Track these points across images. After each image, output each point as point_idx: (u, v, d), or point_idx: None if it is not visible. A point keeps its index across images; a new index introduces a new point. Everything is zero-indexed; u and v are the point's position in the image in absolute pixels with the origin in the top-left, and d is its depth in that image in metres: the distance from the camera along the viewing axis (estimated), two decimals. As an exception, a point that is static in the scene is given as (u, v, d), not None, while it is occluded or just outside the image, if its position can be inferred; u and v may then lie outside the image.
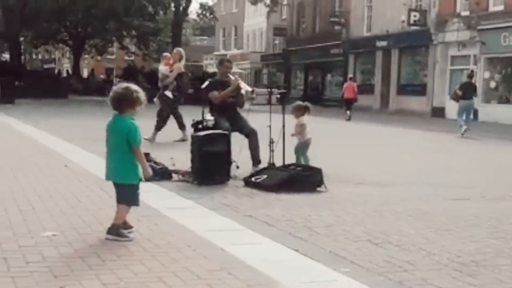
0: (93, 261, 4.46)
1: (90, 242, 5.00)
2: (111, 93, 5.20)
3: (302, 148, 9.36)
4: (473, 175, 10.34)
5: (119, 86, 5.30)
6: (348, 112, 27.26)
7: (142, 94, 5.18)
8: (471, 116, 19.70)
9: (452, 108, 32.87)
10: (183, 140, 13.30)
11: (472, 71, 22.70)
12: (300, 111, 9.41)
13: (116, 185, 5.27)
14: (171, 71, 13.92)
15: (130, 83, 5.41)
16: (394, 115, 34.29)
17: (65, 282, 3.97)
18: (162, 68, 14.25)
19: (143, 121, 5.51)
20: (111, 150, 5.22)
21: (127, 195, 5.20)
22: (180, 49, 14.77)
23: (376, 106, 39.61)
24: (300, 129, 9.36)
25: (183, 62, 14.08)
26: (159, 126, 13.74)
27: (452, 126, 24.60)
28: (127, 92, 5.12)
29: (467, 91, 19.74)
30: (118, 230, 5.11)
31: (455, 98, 20.30)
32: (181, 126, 13.85)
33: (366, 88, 42.47)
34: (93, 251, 4.73)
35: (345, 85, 29.61)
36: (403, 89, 38.00)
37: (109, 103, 5.18)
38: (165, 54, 15.03)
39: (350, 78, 30.57)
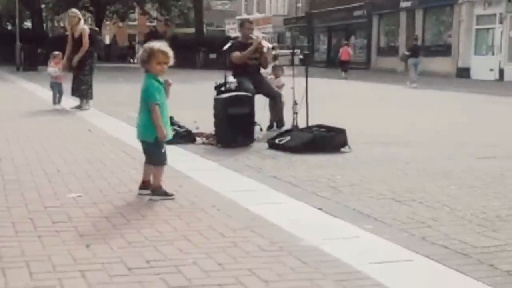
0: (118, 221, 4.50)
1: (115, 203, 5.04)
2: None
3: None
4: (500, 134, 10.23)
5: None
6: (343, 73, 31.33)
7: (157, 50, 5.13)
8: (417, 70, 25.76)
9: (477, 68, 32.52)
10: (78, 107, 12.46)
11: (416, 35, 29.51)
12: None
13: (141, 143, 5.36)
14: (78, 38, 12.46)
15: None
16: (419, 76, 33.91)
17: (91, 240, 4.01)
18: (52, 69, 12.95)
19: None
20: (139, 108, 5.31)
21: (152, 154, 5.27)
22: (75, 10, 13.17)
23: (400, 68, 39.18)
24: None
25: (82, 22, 12.65)
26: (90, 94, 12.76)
27: (478, 87, 24.35)
28: (142, 52, 5.22)
29: (414, 51, 25.54)
30: (160, 190, 5.19)
31: (404, 58, 26.50)
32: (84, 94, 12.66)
33: (390, 50, 42.01)
34: (118, 211, 4.78)
35: (341, 49, 33.23)
36: (427, 50, 37.52)
37: None
38: (56, 53, 13.23)
39: (345, 44, 34.73)
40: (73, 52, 12.58)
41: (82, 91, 12.60)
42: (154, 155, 5.26)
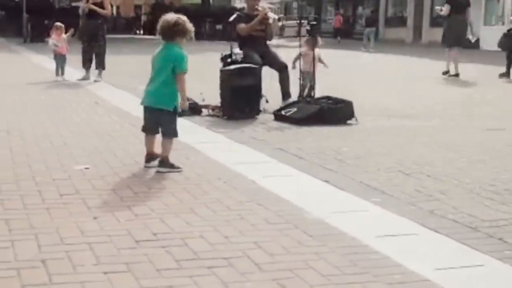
0: (125, 194, 4.51)
1: (122, 175, 5.04)
2: (161, 23, 5.23)
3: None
4: (507, 106, 10.15)
5: (169, 16, 5.27)
6: (338, 38, 36.37)
7: (191, 26, 5.25)
8: (373, 39, 29.51)
9: (487, 39, 32.20)
10: (84, 79, 12.54)
11: (375, 8, 36.66)
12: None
13: (153, 111, 5.30)
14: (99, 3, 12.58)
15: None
16: (427, 47, 33.67)
17: (99, 213, 4.02)
18: (52, 41, 12.95)
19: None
20: (155, 76, 5.29)
21: (167, 123, 5.24)
22: None
23: (408, 39, 38.92)
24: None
25: None
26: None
27: (487, 58, 24.14)
28: (179, 21, 5.19)
29: (369, 22, 30.47)
30: (168, 162, 5.19)
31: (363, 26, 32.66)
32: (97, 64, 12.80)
33: (397, 21, 41.67)
34: (125, 184, 4.78)
35: (335, 18, 39.02)
36: (436, 21, 37.13)
37: (160, 32, 5.26)
38: (58, 24, 13.18)
39: (337, 13, 40.66)
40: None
41: (100, 61, 12.71)
42: (169, 125, 5.25)
